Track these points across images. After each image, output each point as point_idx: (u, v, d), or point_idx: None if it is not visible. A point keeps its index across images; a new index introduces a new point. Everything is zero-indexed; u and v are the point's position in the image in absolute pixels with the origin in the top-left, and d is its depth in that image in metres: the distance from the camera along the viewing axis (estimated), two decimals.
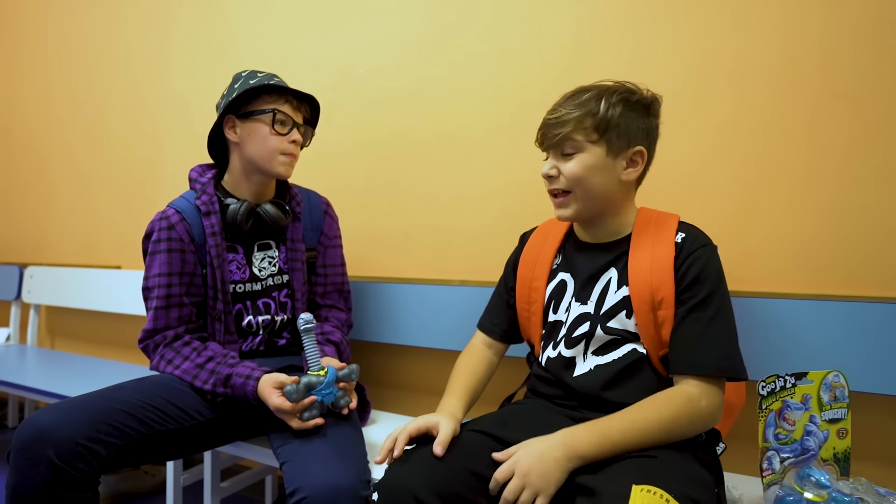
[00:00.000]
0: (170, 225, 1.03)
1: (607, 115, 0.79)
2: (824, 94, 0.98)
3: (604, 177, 0.81)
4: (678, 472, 0.68)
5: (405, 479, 0.69)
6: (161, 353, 1.01)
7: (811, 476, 0.69)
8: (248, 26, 1.70)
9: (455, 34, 1.34)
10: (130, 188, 1.99)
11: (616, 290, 0.83)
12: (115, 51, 2.04)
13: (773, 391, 0.71)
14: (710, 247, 0.81)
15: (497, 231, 1.29)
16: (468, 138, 1.32)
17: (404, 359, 1.40)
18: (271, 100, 1.04)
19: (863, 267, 0.95)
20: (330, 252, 1.20)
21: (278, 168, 1.06)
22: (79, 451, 0.77)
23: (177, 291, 1.02)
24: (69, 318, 2.14)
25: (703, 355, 0.75)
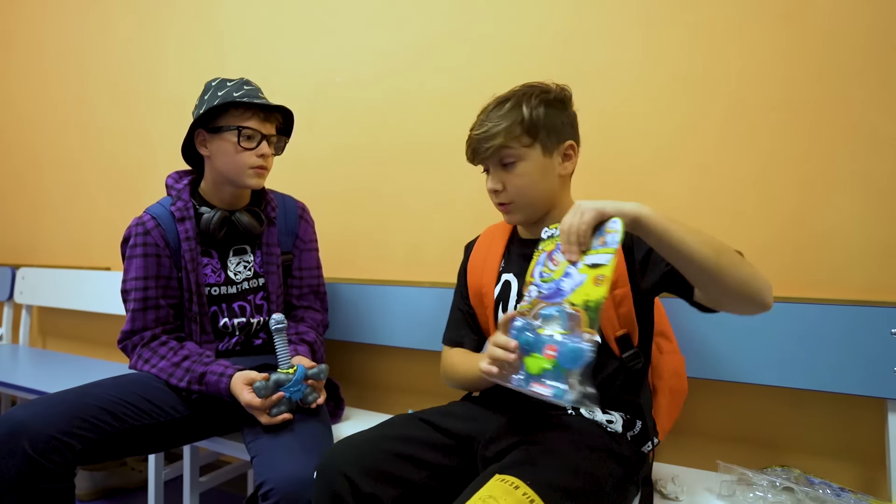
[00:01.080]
0: (145, 230, 1.06)
1: (533, 118, 0.82)
2: (764, 105, 1.02)
3: (546, 178, 0.85)
4: (562, 463, 0.68)
5: (336, 459, 0.76)
6: (139, 353, 1.05)
7: (552, 315, 0.65)
8: (234, 34, 1.75)
9: (426, 46, 1.39)
10: (121, 191, 2.03)
11: None
12: (107, 57, 2.09)
13: (552, 236, 0.70)
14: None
15: (466, 234, 1.31)
16: (438, 145, 1.37)
17: (378, 358, 1.44)
18: (238, 114, 1.04)
19: (797, 270, 1.00)
20: (306, 255, 1.23)
21: (248, 181, 1.07)
22: (54, 444, 0.82)
23: (153, 294, 1.06)
24: (60, 319, 2.19)
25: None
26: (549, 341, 0.64)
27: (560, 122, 0.85)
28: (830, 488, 0.86)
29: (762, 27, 1.03)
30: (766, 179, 1.03)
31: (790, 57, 1.01)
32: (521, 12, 1.27)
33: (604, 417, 0.81)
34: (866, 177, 0.96)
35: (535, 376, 0.64)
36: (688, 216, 1.08)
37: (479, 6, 1.33)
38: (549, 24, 1.24)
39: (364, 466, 0.75)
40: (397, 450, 0.79)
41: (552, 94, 0.86)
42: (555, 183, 0.86)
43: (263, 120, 1.06)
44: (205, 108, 1.04)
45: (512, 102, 0.85)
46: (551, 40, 1.23)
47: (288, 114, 1.12)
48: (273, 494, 0.82)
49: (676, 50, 1.10)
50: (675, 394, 0.92)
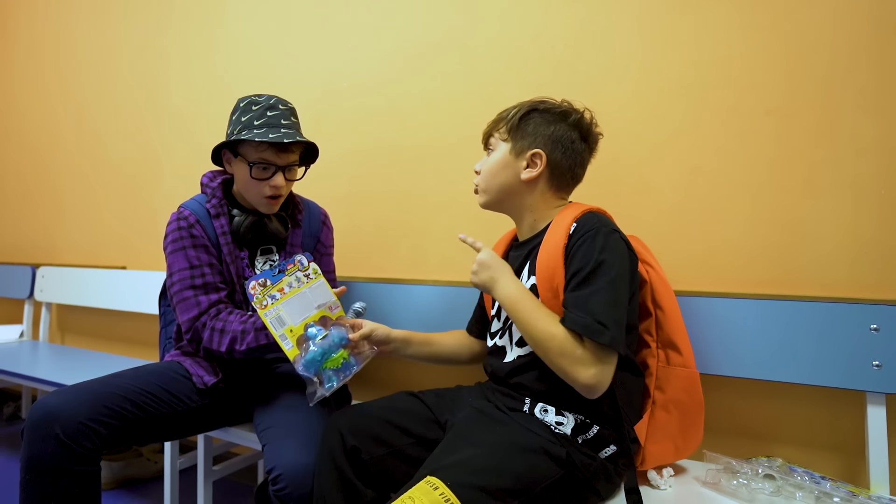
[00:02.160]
0: (189, 224, 1.09)
1: (515, 118, 0.90)
2: (759, 109, 1.07)
3: (505, 172, 0.91)
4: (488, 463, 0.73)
5: (336, 419, 0.91)
6: (211, 325, 1.04)
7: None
8: (240, 41, 1.81)
9: (429, 52, 1.44)
10: (132, 194, 2.10)
11: (527, 281, 0.89)
12: (116, 67, 2.16)
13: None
14: (602, 231, 0.81)
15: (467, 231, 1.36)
16: (440, 148, 1.42)
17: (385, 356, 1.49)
18: (254, 146, 1.05)
19: (781, 268, 1.04)
20: (325, 259, 1.30)
21: (261, 208, 1.12)
22: (82, 429, 0.88)
23: (211, 279, 1.08)
24: (78, 316, 2.26)
25: (571, 316, 0.78)
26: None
27: (541, 131, 0.89)
28: (811, 476, 0.90)
29: (753, 35, 1.07)
30: (755, 182, 1.07)
31: (780, 64, 1.05)
32: (521, 18, 1.32)
33: (554, 419, 0.83)
34: (847, 179, 1.00)
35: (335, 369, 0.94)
36: (679, 216, 1.13)
37: (480, 13, 1.38)
38: (548, 30, 1.29)
39: (355, 425, 0.89)
40: (388, 418, 0.91)
41: (545, 105, 0.91)
42: (513, 181, 0.91)
43: (279, 151, 1.06)
44: (231, 129, 1.08)
45: (517, 105, 0.93)
46: (550, 45, 1.28)
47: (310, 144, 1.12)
48: (282, 479, 0.88)
49: (670, 55, 1.15)
50: (683, 411, 0.89)
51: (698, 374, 0.90)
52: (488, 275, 0.88)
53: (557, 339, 0.77)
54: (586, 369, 0.76)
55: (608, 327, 0.75)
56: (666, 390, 0.90)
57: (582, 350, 0.76)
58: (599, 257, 0.79)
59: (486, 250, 0.91)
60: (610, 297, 0.77)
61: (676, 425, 0.90)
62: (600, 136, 0.95)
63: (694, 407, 0.90)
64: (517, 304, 0.83)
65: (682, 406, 0.89)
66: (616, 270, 0.79)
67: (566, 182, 0.92)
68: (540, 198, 0.92)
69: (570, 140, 0.90)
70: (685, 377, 0.89)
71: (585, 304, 0.77)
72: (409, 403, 0.96)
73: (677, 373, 0.90)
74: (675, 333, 0.91)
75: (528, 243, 0.94)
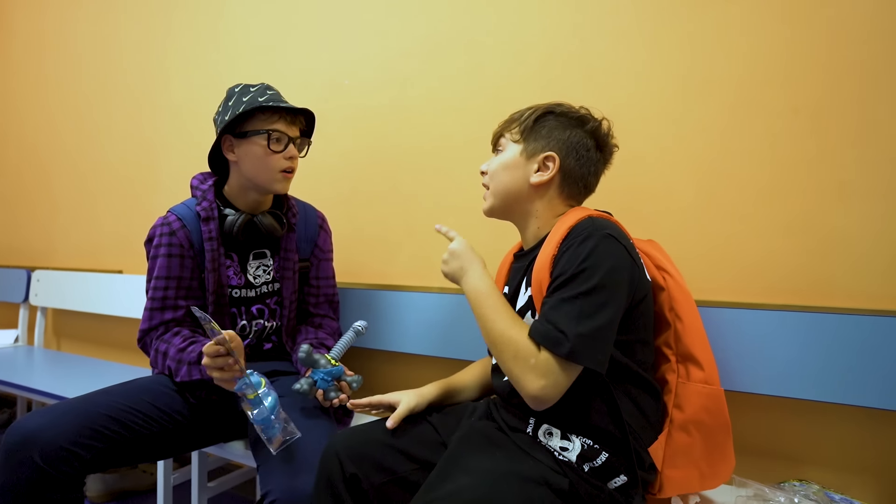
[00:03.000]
0: (171, 231, 1.06)
1: (530, 119, 0.86)
2: (785, 107, 1.00)
3: (513, 175, 0.86)
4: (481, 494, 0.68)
5: (334, 442, 0.86)
6: (155, 346, 1.05)
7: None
8: (241, 39, 1.75)
9: (435, 49, 1.38)
10: (130, 197, 2.05)
11: (525, 292, 0.85)
12: (114, 67, 2.11)
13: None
14: (594, 235, 0.75)
15: (473, 239, 1.30)
16: (447, 148, 1.36)
17: (386, 364, 1.44)
18: (265, 118, 1.05)
19: (809, 276, 0.97)
20: (323, 265, 1.25)
21: (276, 185, 1.09)
22: (62, 454, 0.82)
23: (171, 294, 1.06)
24: (75, 321, 2.21)
25: (535, 323, 0.74)
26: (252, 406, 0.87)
27: (556, 135, 0.85)
28: None
29: (771, 28, 1.00)
30: (782, 184, 1.00)
31: (800, 59, 0.98)
32: (531, 14, 1.25)
33: (558, 443, 0.77)
34: (883, 182, 0.92)
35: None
36: (694, 219, 1.06)
37: (487, 8, 1.31)
38: (559, 25, 1.22)
39: (354, 450, 0.83)
40: (390, 441, 0.85)
41: (562, 108, 0.87)
42: (521, 185, 0.86)
43: (289, 123, 1.08)
44: (230, 113, 1.04)
45: (532, 106, 0.89)
46: (557, 43, 1.21)
47: (310, 116, 1.14)
48: None
49: (689, 50, 1.08)
50: (706, 433, 0.81)
51: (722, 391, 0.82)
52: (458, 264, 0.87)
53: (514, 343, 0.74)
54: (536, 379, 0.71)
55: (569, 338, 0.70)
56: (685, 409, 0.82)
57: (536, 359, 0.72)
58: (582, 264, 0.73)
59: (459, 240, 0.89)
60: (582, 307, 0.71)
61: (700, 449, 0.82)
62: (616, 149, 0.90)
63: (718, 429, 0.81)
64: (481, 299, 0.81)
65: (705, 427, 0.81)
66: (598, 279, 0.72)
67: (577, 191, 0.87)
68: (547, 204, 0.86)
69: (586, 148, 0.85)
70: (707, 395, 0.81)
71: (552, 310, 0.73)
72: (412, 424, 0.90)
73: (698, 390, 0.82)
74: (695, 346, 0.84)
75: (530, 253, 0.88)
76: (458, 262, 0.87)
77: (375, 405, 0.93)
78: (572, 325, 0.71)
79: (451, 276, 0.88)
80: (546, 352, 0.72)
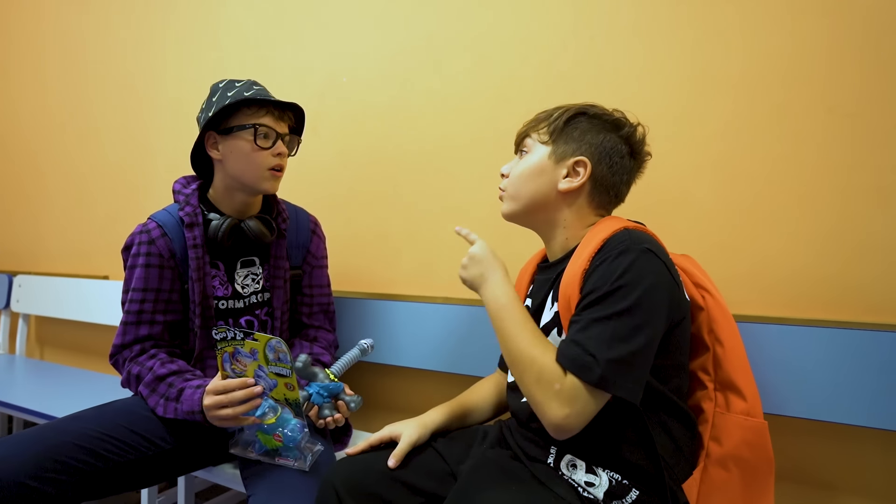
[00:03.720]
0: (150, 239, 0.99)
1: (560, 120, 0.79)
2: (817, 105, 0.92)
3: (540, 179, 0.79)
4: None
5: (333, 474, 0.78)
6: (128, 367, 0.98)
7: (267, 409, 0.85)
8: (235, 35, 1.67)
9: (438, 44, 1.30)
10: (119, 199, 1.96)
11: (550, 308, 0.79)
12: (106, 60, 2.02)
13: (225, 338, 0.85)
14: (632, 249, 0.68)
15: None
16: (452, 149, 1.28)
17: (386, 379, 1.36)
18: (251, 112, 0.98)
19: (846, 289, 0.90)
20: (317, 272, 1.17)
21: (264, 185, 1.02)
22: (23, 491, 0.74)
23: (149, 308, 0.99)
24: (58, 329, 2.12)
25: (562, 344, 0.68)
26: (277, 430, 0.85)
27: (588, 138, 0.78)
28: None
29: (802, 19, 0.92)
30: (814, 189, 0.92)
31: (836, 53, 0.90)
32: (540, 5, 1.17)
33: (583, 477, 0.70)
34: None
35: (273, 450, 0.88)
36: (724, 229, 0.99)
37: (489, 4, 1.23)
38: (571, 18, 1.14)
39: (354, 484, 0.76)
40: (393, 473, 0.78)
41: (596, 110, 0.80)
42: (548, 191, 0.79)
43: (277, 118, 1.01)
44: (214, 109, 0.98)
45: (563, 106, 0.82)
46: (573, 35, 1.13)
47: (299, 113, 1.07)
48: None
49: (712, 45, 1.00)
50: (746, 470, 0.73)
51: (766, 425, 0.74)
52: (478, 270, 0.79)
53: (537, 364, 0.68)
54: (560, 407, 0.65)
55: (599, 363, 0.63)
56: (724, 442, 0.75)
57: (562, 384, 0.65)
58: (618, 281, 0.66)
59: (481, 243, 0.82)
60: (616, 329, 0.65)
61: (738, 488, 0.74)
62: (649, 157, 0.83)
63: (760, 466, 0.74)
64: (502, 311, 0.74)
65: (745, 464, 0.73)
66: (635, 298, 0.65)
67: (607, 199, 0.81)
68: (576, 213, 0.80)
69: (620, 154, 0.79)
70: (749, 428, 0.74)
71: (582, 331, 0.67)
72: (416, 452, 0.83)
73: (739, 422, 0.74)
74: (737, 374, 0.76)
75: (557, 265, 0.81)
76: (479, 269, 0.79)
77: (375, 444, 0.84)
78: (603, 349, 0.64)
79: (470, 282, 0.81)
80: (573, 377, 0.65)
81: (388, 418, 1.37)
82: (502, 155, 1.19)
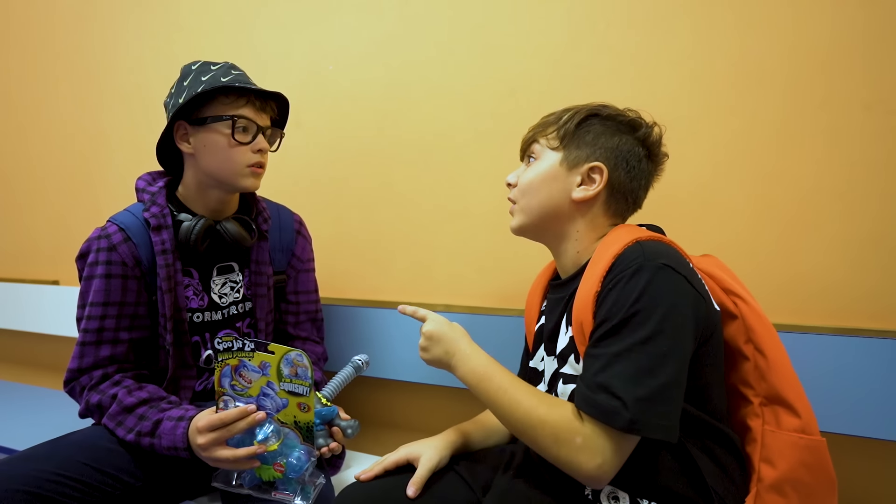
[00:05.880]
0: (110, 245, 0.87)
1: (571, 123, 0.74)
2: (854, 102, 0.88)
3: (551, 188, 0.74)
4: None
5: (345, 500, 0.73)
6: (87, 397, 0.85)
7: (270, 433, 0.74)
8: (202, 16, 1.52)
9: (435, 28, 1.20)
10: (68, 195, 1.78)
11: (566, 332, 0.73)
12: (54, 36, 1.82)
13: (228, 348, 0.73)
14: (646, 268, 0.62)
15: (484, 248, 1.16)
16: (451, 145, 1.19)
17: (378, 393, 1.26)
18: (229, 102, 0.87)
19: (882, 297, 0.86)
20: (302, 277, 1.07)
21: (242, 182, 0.91)
22: None
23: (111, 325, 0.87)
24: (1, 340, 1.91)
25: (580, 388, 0.63)
26: (279, 458, 0.75)
27: (602, 142, 0.73)
28: None
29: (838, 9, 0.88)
30: (843, 189, 0.88)
31: (875, 46, 0.86)
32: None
33: None
34: None
35: (269, 483, 0.77)
36: (753, 232, 0.93)
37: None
38: (587, 5, 1.06)
39: None
40: (413, 502, 0.71)
41: (608, 112, 0.75)
42: (561, 200, 0.74)
43: (258, 110, 0.90)
44: (186, 95, 0.86)
45: (572, 108, 0.76)
46: (589, 24, 1.06)
47: (283, 103, 0.96)
48: None
49: (732, 36, 0.95)
50: (805, 494, 0.67)
51: (824, 442, 0.68)
52: (441, 349, 0.73)
53: (549, 424, 0.62)
54: (590, 459, 0.60)
55: (627, 406, 0.58)
56: (777, 464, 0.68)
57: (583, 436, 0.60)
58: (634, 306, 0.61)
59: (433, 318, 0.76)
60: (639, 362, 0.59)
61: None
62: (666, 158, 0.78)
63: (820, 488, 0.67)
64: (484, 382, 0.69)
65: (804, 487, 0.67)
66: (656, 323, 0.60)
67: (625, 207, 0.76)
68: (589, 224, 0.74)
69: (637, 157, 0.74)
70: (805, 447, 0.67)
71: (603, 371, 0.60)
72: (438, 477, 0.75)
73: (793, 441, 0.67)
74: (785, 387, 0.70)
75: (570, 282, 0.75)
76: (441, 346, 0.73)
77: (390, 468, 0.76)
78: (630, 388, 0.58)
79: (437, 362, 0.74)
80: (591, 422, 0.60)
81: (382, 437, 1.28)
82: (507, 151, 1.12)
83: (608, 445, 0.59)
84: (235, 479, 0.78)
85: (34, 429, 1.28)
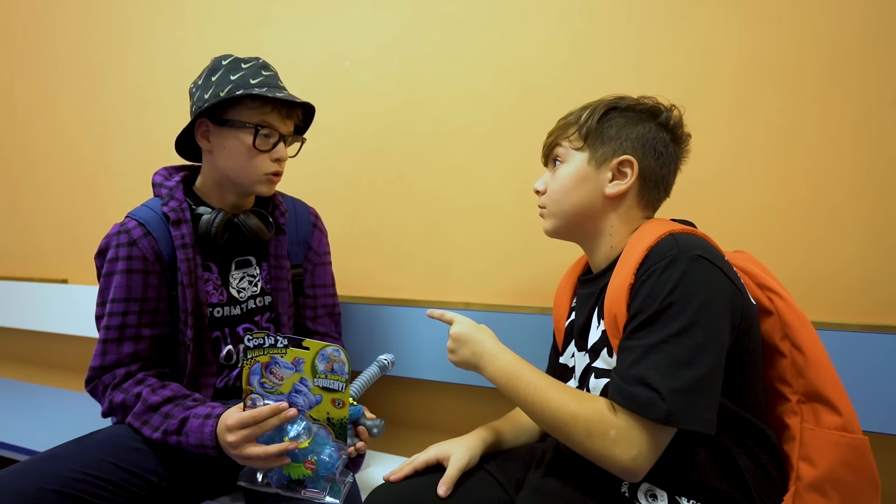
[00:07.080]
0: (130, 240, 0.86)
1: (592, 120, 0.73)
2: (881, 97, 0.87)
3: (582, 189, 0.74)
4: None
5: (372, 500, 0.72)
6: (110, 396, 0.84)
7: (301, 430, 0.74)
8: (214, 12, 1.50)
9: (454, 23, 1.19)
10: (77, 193, 1.76)
11: (597, 326, 0.73)
12: (64, 33, 1.80)
13: (259, 345, 0.72)
14: (681, 259, 0.62)
15: (501, 245, 1.15)
16: (467, 140, 1.18)
17: (397, 392, 1.25)
18: (255, 106, 0.86)
19: None
20: (319, 270, 1.06)
21: (257, 188, 0.91)
22: None
23: (133, 321, 0.86)
24: (9, 339, 1.90)
25: (615, 380, 0.62)
26: (309, 455, 0.74)
27: (626, 133, 0.72)
28: None
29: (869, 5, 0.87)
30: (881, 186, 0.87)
31: None
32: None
33: None
34: None
35: (298, 481, 0.75)
36: (778, 229, 0.93)
37: None
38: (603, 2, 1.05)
39: None
40: (444, 502, 0.71)
41: (627, 102, 0.74)
42: (594, 199, 0.74)
43: (284, 117, 0.90)
44: (213, 93, 0.85)
45: (588, 105, 0.76)
46: (608, 19, 1.05)
47: (309, 108, 0.96)
48: None
49: (755, 28, 0.94)
50: (847, 494, 0.66)
51: (867, 441, 0.66)
52: (469, 350, 0.74)
53: (581, 419, 0.62)
54: (626, 451, 0.59)
55: (664, 398, 0.57)
56: (818, 463, 0.67)
57: (617, 429, 0.60)
58: (669, 297, 0.60)
59: (460, 320, 0.77)
60: (674, 354, 0.59)
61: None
62: (689, 137, 0.77)
63: (863, 488, 0.65)
64: (513, 380, 0.69)
65: (846, 487, 0.66)
66: (692, 314, 0.60)
67: (657, 195, 0.76)
68: (623, 217, 0.74)
69: (664, 143, 0.74)
70: (847, 446, 0.66)
71: (638, 363, 0.60)
72: (468, 476, 0.75)
73: (834, 439, 0.66)
74: (824, 384, 0.68)
75: (601, 277, 0.75)
76: (469, 348, 0.74)
77: (420, 468, 0.75)
78: (666, 380, 0.58)
79: (464, 364, 0.75)
80: (625, 414, 0.60)
81: (401, 435, 1.27)
82: (524, 146, 1.11)
83: (643, 437, 0.58)
84: (262, 477, 0.77)
85: (44, 428, 1.27)
